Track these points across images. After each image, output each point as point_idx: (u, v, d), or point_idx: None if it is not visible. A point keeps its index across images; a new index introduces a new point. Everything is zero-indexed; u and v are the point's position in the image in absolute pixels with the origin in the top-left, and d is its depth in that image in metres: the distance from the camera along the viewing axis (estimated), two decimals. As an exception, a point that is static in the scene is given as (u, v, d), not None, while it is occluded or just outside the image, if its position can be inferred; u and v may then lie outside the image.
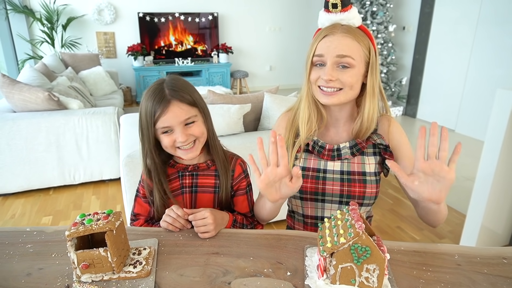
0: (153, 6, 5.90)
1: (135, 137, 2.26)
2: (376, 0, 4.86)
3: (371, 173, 1.01)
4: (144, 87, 5.77)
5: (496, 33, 3.97)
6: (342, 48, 0.91)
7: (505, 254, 0.83)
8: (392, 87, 5.14)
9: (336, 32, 0.92)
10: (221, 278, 0.75)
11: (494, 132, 1.92)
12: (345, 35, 0.91)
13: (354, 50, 0.91)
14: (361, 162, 1.02)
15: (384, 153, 1.01)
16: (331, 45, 0.92)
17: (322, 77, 0.93)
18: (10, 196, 2.79)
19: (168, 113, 0.93)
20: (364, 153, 1.02)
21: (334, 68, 0.92)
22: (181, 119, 0.94)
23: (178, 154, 0.99)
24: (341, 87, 0.93)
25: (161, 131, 0.95)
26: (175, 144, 0.96)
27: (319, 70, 0.95)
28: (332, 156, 1.02)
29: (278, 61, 7.08)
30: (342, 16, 0.92)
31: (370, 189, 1.00)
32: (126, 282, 0.74)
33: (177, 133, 0.95)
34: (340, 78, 0.92)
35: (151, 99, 0.94)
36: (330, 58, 0.92)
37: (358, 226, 0.68)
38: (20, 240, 0.89)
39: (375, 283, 0.70)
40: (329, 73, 0.92)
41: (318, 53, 0.94)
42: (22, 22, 5.21)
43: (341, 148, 1.02)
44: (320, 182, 1.02)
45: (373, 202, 1.04)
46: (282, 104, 2.21)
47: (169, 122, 0.94)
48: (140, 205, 1.11)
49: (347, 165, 1.02)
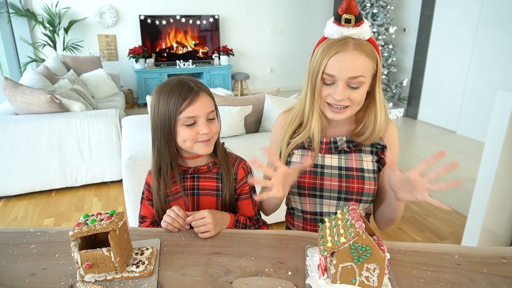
0: (154, 9, 5.93)
1: (137, 139, 2.27)
2: (377, 2, 4.87)
3: (369, 170, 1.02)
4: (146, 89, 5.79)
5: (497, 34, 3.98)
6: (355, 69, 0.90)
7: (504, 254, 0.84)
8: (393, 89, 5.15)
9: (348, 49, 0.90)
10: (223, 278, 0.76)
11: (494, 134, 1.93)
12: (357, 53, 0.90)
13: (365, 68, 0.91)
14: (359, 159, 1.03)
15: (381, 153, 1.02)
16: (343, 65, 0.90)
17: (333, 96, 0.93)
18: (13, 198, 2.80)
19: (197, 103, 0.95)
20: (361, 150, 1.03)
21: (345, 87, 0.92)
22: (207, 111, 0.97)
23: (195, 149, 0.99)
24: (349, 105, 0.94)
25: (183, 122, 0.95)
26: (196, 137, 0.97)
27: (329, 88, 0.94)
28: (329, 149, 1.03)
29: (279, 63, 7.10)
30: (354, 31, 0.90)
31: (368, 185, 1.01)
32: (129, 282, 0.75)
33: (201, 125, 0.96)
34: (350, 96, 0.92)
35: (175, 91, 0.95)
36: (342, 80, 0.91)
37: (358, 226, 0.69)
38: (24, 241, 0.90)
39: (375, 282, 0.71)
40: (341, 93, 0.91)
41: (329, 73, 0.92)
42: (24, 26, 5.25)
43: (337, 141, 1.03)
44: (318, 178, 1.03)
45: (372, 199, 1.04)
46: (283, 106, 2.22)
47: (196, 112, 0.95)
48: (145, 208, 1.12)
49: (345, 161, 1.03)
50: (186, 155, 1.04)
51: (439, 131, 4.65)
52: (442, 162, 0.76)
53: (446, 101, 4.70)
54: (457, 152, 3.88)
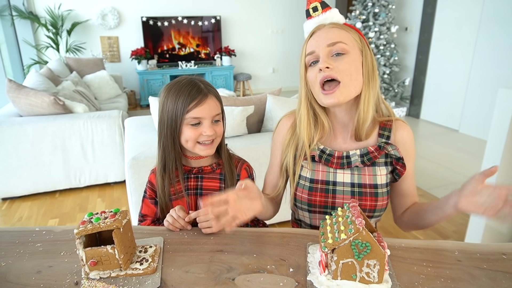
0: (156, 10, 5.95)
1: (140, 140, 2.28)
2: (378, 2, 4.87)
3: (382, 185, 0.96)
4: (148, 90, 5.81)
5: (499, 32, 3.97)
6: (332, 36, 0.89)
7: (504, 250, 0.85)
8: (395, 88, 5.15)
9: (322, 27, 0.92)
10: (225, 275, 0.77)
11: (496, 132, 1.93)
12: (332, 26, 0.91)
13: (344, 36, 0.89)
14: (372, 173, 0.96)
15: (396, 163, 0.96)
16: (319, 38, 0.90)
17: (319, 67, 0.88)
18: (17, 199, 2.83)
19: (205, 105, 0.97)
20: (375, 163, 0.97)
21: (329, 57, 0.88)
22: (213, 113, 0.98)
23: (196, 150, 1.01)
24: (340, 80, 0.87)
25: (189, 121, 0.97)
26: (199, 138, 0.98)
27: (314, 67, 0.91)
28: (341, 164, 0.96)
29: (281, 63, 7.11)
30: (324, 16, 0.92)
31: (381, 201, 0.96)
32: (133, 279, 0.76)
33: (206, 126, 0.98)
34: (337, 66, 0.87)
35: (185, 90, 0.97)
36: (322, 50, 0.89)
37: (358, 223, 0.70)
38: (30, 239, 0.91)
39: (375, 278, 0.72)
40: (325, 61, 0.87)
41: (309, 51, 0.92)
42: (27, 28, 5.29)
43: (350, 156, 0.96)
44: (330, 196, 0.97)
45: (383, 213, 1.00)
46: (285, 106, 2.23)
47: (203, 113, 0.97)
48: (147, 206, 1.13)
49: (358, 177, 0.96)
50: (190, 155, 1.06)
51: (442, 130, 4.64)
52: (444, 162, 0.76)
53: (449, 100, 4.69)
54: (461, 151, 3.88)
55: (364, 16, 4.94)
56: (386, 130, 0.98)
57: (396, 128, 0.99)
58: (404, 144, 0.98)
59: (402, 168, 0.96)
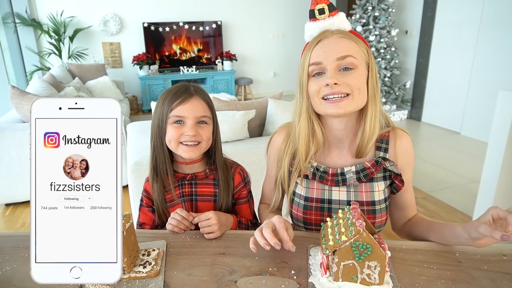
0: (157, 16, 6.00)
1: (142, 145, 2.30)
2: (378, 5, 4.89)
3: (380, 201, 0.93)
4: (150, 95, 5.84)
5: (499, 35, 3.98)
6: (341, 49, 0.83)
7: (505, 251, 0.85)
8: (396, 91, 5.16)
9: (330, 36, 0.86)
10: (228, 277, 0.78)
11: (497, 134, 1.94)
12: (341, 36, 0.85)
13: (354, 49, 0.85)
14: (369, 190, 0.92)
15: (395, 178, 0.93)
16: (328, 48, 0.84)
17: (326, 82, 0.83)
18: (20, 205, 2.84)
19: (188, 104, 0.97)
20: (373, 179, 0.93)
21: (336, 72, 0.84)
22: (196, 114, 0.98)
23: (179, 151, 0.99)
24: (349, 92, 0.84)
25: (172, 120, 0.97)
26: (180, 138, 0.97)
27: (319, 79, 0.86)
28: (336, 181, 0.92)
29: (282, 67, 7.14)
30: (331, 21, 0.87)
31: (380, 218, 0.93)
32: (136, 282, 0.77)
33: (188, 126, 0.97)
34: (345, 81, 0.83)
35: (173, 90, 0.98)
36: (330, 63, 0.84)
37: (359, 224, 0.71)
38: (34, 244, 0.92)
39: (376, 279, 0.72)
40: (334, 76, 0.83)
41: (314, 61, 0.85)
42: (30, 35, 5.34)
43: (345, 173, 0.92)
44: (325, 214, 0.94)
45: (382, 229, 0.97)
46: (286, 110, 2.24)
47: (185, 113, 0.97)
48: (144, 214, 1.13)
49: (354, 194, 0.93)
50: (181, 160, 1.05)
51: (444, 133, 4.64)
52: (445, 164, 0.77)
53: (450, 102, 4.70)
54: (462, 153, 3.88)
55: (364, 19, 4.96)
56: (383, 142, 0.96)
57: (395, 137, 0.96)
58: (404, 153, 0.96)
59: (401, 183, 0.93)
